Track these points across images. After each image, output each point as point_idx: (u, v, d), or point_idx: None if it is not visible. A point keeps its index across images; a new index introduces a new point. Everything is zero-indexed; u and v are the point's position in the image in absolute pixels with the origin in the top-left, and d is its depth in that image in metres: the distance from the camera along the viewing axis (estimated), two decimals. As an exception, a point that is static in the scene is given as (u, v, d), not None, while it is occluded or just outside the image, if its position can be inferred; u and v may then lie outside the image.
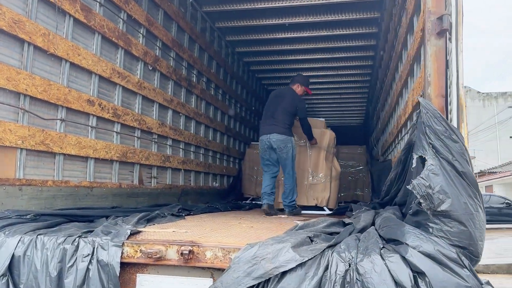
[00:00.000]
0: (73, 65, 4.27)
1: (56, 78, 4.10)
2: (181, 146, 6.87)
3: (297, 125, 6.42)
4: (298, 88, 6.37)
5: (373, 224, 3.28)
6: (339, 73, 10.99)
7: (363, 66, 10.45)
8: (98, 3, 4.66)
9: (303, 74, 7.34)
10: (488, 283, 2.34)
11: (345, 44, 9.12)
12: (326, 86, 11.85)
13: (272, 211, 5.81)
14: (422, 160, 2.56)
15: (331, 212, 6.30)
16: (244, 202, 8.19)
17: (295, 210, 5.98)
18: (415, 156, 2.55)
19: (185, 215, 4.93)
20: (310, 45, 9.21)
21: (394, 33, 5.66)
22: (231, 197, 8.52)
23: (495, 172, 30.03)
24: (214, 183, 8.46)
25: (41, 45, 3.80)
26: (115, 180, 5.02)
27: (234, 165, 9.76)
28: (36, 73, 3.81)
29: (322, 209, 6.70)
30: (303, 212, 6.24)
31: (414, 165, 2.54)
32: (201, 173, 7.78)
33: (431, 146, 2.46)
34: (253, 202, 8.20)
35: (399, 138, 5.33)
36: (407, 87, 4.69)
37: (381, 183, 6.33)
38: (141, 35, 5.60)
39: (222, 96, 8.87)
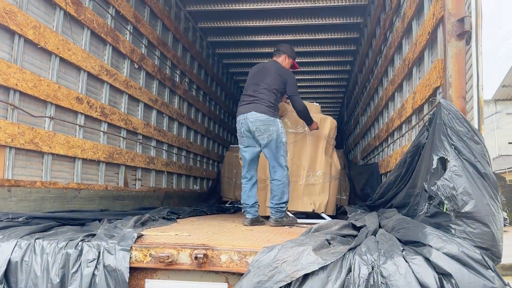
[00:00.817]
0: (62, 60, 4.06)
1: (46, 73, 3.89)
2: (164, 148, 6.69)
3: (291, 108, 4.88)
4: (285, 61, 4.90)
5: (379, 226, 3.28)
6: (317, 77, 11.07)
7: (341, 71, 10.58)
8: (88, -3, 4.47)
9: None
10: (509, 284, 2.36)
11: (325, 49, 9.20)
12: (303, 90, 11.90)
13: (258, 223, 4.45)
14: (442, 162, 2.56)
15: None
16: (226, 205, 8.07)
17: (285, 217, 4.36)
18: (435, 158, 2.54)
19: (176, 218, 4.78)
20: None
21: (383, 38, 5.71)
22: (212, 201, 8.37)
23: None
24: (195, 186, 8.29)
25: (32, 38, 3.59)
26: (101, 182, 4.81)
27: (213, 168, 9.62)
28: (26, 67, 3.60)
29: (319, 216, 5.10)
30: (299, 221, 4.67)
31: (434, 166, 2.53)
32: (183, 175, 7.61)
33: (453, 147, 2.46)
34: (235, 205, 8.09)
35: (389, 142, 5.37)
36: (401, 91, 4.73)
37: (367, 186, 6.37)
38: (128, 32, 5.42)
39: (203, 98, 8.73)
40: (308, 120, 4.80)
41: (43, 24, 3.74)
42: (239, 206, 8.35)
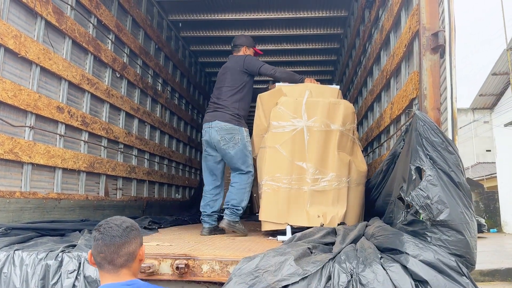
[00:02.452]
0: (43, 69, 4.04)
1: (26, 82, 3.86)
2: (146, 157, 6.66)
3: (286, 96, 4.12)
4: (246, 53, 4.71)
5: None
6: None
7: (323, 80, 10.70)
8: (69, 6, 4.45)
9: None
10: (483, 290, 2.43)
11: (306, 59, 9.32)
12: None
13: (217, 232, 4.41)
14: (419, 171, 2.63)
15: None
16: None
17: (238, 223, 4.25)
18: (412, 167, 2.61)
19: (157, 228, 4.77)
20: (273, 58, 9.31)
21: (362, 49, 5.84)
22: (194, 209, 8.34)
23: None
24: (176, 194, 8.26)
25: (12, 47, 3.57)
26: (81, 191, 4.77)
27: (196, 176, 9.60)
28: (6, 76, 3.57)
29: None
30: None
31: (414, 177, 2.60)
32: (165, 184, 7.59)
33: (428, 157, 2.54)
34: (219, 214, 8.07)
35: (369, 151, 5.47)
36: (379, 101, 4.83)
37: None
38: (110, 41, 5.41)
39: (185, 106, 8.74)
40: (295, 80, 4.44)
41: (24, 34, 3.72)
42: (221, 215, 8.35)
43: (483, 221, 20.48)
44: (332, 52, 9.02)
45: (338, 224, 3.70)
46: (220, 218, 4.45)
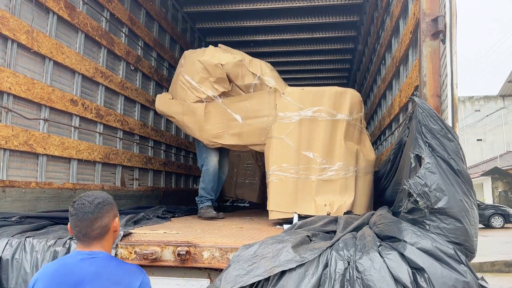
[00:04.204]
0: (56, 63, 4.16)
1: (40, 76, 3.98)
2: (162, 148, 6.78)
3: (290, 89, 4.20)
4: None
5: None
6: (317, 76, 11.11)
7: (341, 69, 10.61)
8: (81, 1, 4.56)
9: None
10: (483, 278, 2.41)
11: (324, 47, 9.24)
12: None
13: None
14: (418, 159, 2.61)
15: None
16: (225, 204, 8.15)
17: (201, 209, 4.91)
18: (411, 155, 2.60)
19: (170, 217, 4.87)
20: (290, 47, 9.28)
21: (376, 36, 5.76)
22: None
23: (464, 174, 30.81)
24: (194, 185, 8.38)
25: (25, 42, 3.69)
26: (97, 182, 4.91)
27: (213, 167, 9.68)
28: (19, 71, 3.69)
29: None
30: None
31: (413, 165, 2.58)
32: (182, 175, 7.70)
33: (427, 144, 2.52)
34: (234, 204, 8.17)
35: (382, 140, 5.42)
36: (391, 89, 4.78)
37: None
38: (123, 34, 5.51)
39: (202, 98, 8.81)
40: None
41: (36, 29, 3.84)
42: (239, 204, 8.44)
43: (511, 211, 19.99)
44: (349, 40, 8.92)
45: (345, 213, 3.70)
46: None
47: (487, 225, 19.88)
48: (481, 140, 36.00)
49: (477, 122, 34.17)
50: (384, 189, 4.00)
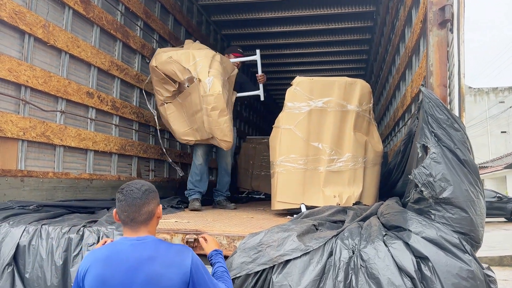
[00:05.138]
0: (72, 57, 4.26)
1: (56, 70, 4.09)
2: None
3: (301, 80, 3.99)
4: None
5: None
6: (334, 67, 11.04)
7: (358, 60, 10.52)
8: (96, -5, 4.65)
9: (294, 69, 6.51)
10: (489, 268, 2.41)
11: (340, 38, 9.17)
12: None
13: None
14: (425, 149, 2.61)
15: None
16: (240, 195, 8.23)
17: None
18: (418, 145, 2.60)
19: (184, 207, 4.96)
20: (306, 39, 9.24)
21: (391, 27, 5.71)
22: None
23: (487, 167, 30.34)
24: (210, 176, 8.46)
25: (41, 36, 3.79)
26: (114, 172, 5.03)
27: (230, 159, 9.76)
28: (36, 64, 3.80)
29: None
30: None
31: (420, 155, 2.58)
32: (198, 166, 7.78)
33: (433, 134, 2.51)
34: (249, 196, 8.24)
35: (396, 131, 5.38)
36: (404, 80, 4.74)
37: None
38: (138, 27, 5.59)
39: (218, 90, 8.86)
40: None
41: (52, 23, 3.94)
42: (254, 196, 8.50)
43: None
44: (366, 30, 8.83)
45: (354, 204, 3.71)
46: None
47: (510, 219, 19.52)
48: (505, 132, 35.20)
49: (501, 114, 33.41)
50: (396, 180, 3.99)
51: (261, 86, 5.68)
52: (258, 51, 5.65)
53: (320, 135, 3.87)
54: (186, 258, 1.94)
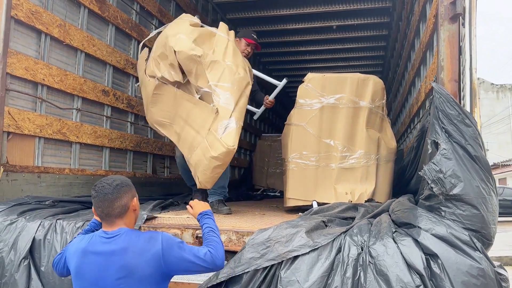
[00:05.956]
0: (88, 55, 4.34)
1: (72, 68, 4.17)
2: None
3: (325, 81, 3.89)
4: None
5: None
6: (351, 64, 10.95)
7: (375, 56, 10.41)
8: (111, -6, 4.72)
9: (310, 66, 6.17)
10: (501, 266, 2.36)
11: (356, 35, 9.09)
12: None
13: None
14: (436, 145, 2.58)
15: None
16: (255, 193, 8.25)
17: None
18: (428, 141, 2.57)
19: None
20: (322, 35, 9.18)
21: (406, 22, 5.64)
22: (243, 188, 8.57)
23: (509, 165, 29.68)
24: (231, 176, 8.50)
25: (57, 35, 3.87)
26: (129, 169, 5.11)
27: (245, 157, 9.81)
28: (52, 63, 3.89)
29: None
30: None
31: (430, 151, 2.55)
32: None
33: (444, 130, 2.48)
34: (264, 193, 8.25)
35: (411, 128, 5.32)
36: (419, 76, 4.68)
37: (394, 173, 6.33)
38: (153, 26, 5.65)
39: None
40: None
41: (68, 22, 4.02)
42: (269, 193, 8.51)
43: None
44: (383, 26, 8.73)
45: (366, 201, 3.69)
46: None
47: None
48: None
49: (525, 111, 32.60)
50: (410, 178, 3.95)
51: (263, 107, 5.05)
52: (285, 80, 4.78)
53: (332, 132, 3.85)
54: (156, 242, 2.00)
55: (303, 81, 3.92)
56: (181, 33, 3.81)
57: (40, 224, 2.95)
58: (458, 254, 2.26)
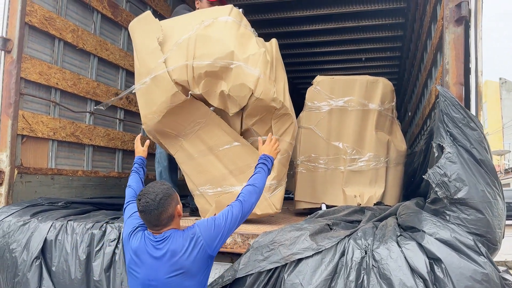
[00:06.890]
0: (101, 59, 4.43)
1: (85, 72, 4.26)
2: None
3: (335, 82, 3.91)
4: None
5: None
6: (366, 65, 10.86)
7: (391, 57, 10.30)
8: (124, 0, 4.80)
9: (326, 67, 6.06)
10: (506, 271, 2.34)
11: (371, 35, 9.01)
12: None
13: None
14: (441, 148, 2.56)
15: None
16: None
17: None
18: (433, 144, 2.55)
19: (210, 205, 5.04)
20: (336, 37, 9.13)
21: (419, 23, 5.58)
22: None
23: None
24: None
25: (71, 40, 3.96)
26: (142, 171, 5.17)
27: (259, 157, 9.81)
28: (66, 67, 3.98)
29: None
30: None
31: (436, 154, 2.54)
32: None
33: (448, 134, 2.46)
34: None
35: (424, 129, 5.27)
36: (431, 77, 4.63)
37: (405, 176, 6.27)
38: (166, 29, 5.72)
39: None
40: None
41: (81, 28, 4.11)
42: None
43: None
44: (398, 27, 8.63)
45: (375, 204, 3.67)
46: None
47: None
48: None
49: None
50: (420, 180, 3.92)
51: None
52: None
53: (340, 135, 3.84)
54: (198, 238, 2.12)
55: (312, 84, 3.92)
56: (257, 63, 3.13)
57: (51, 225, 3.02)
58: (462, 258, 2.24)
